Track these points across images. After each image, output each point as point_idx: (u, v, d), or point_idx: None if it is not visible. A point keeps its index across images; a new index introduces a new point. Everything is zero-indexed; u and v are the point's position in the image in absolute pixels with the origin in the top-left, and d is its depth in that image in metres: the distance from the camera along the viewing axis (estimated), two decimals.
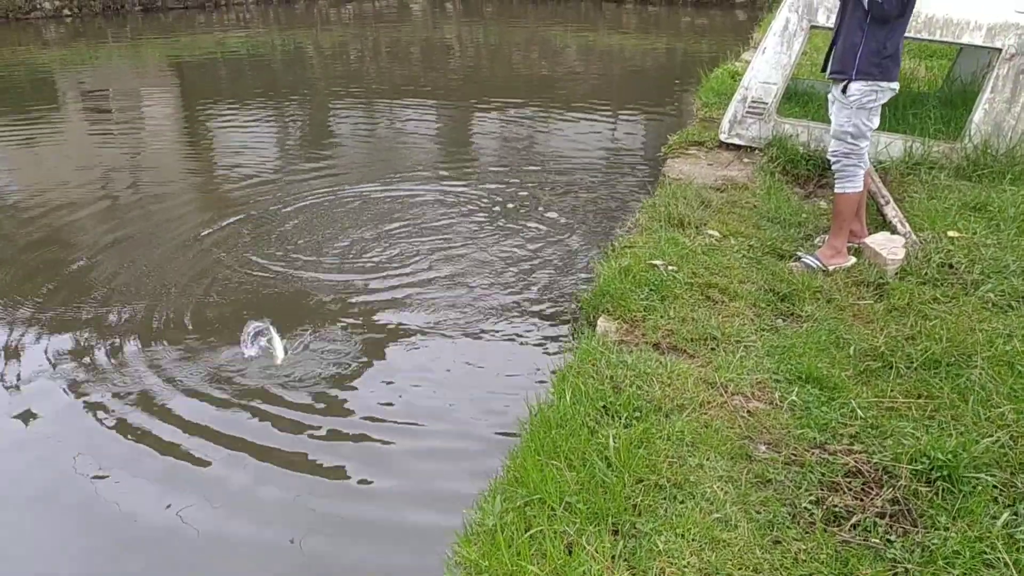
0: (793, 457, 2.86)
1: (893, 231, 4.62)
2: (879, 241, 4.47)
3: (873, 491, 2.71)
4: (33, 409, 3.97)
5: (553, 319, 4.70)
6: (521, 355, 4.35)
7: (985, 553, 2.36)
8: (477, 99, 10.58)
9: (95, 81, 12.54)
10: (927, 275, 4.17)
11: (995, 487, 2.65)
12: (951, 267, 4.22)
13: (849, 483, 2.74)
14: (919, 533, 2.49)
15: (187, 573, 3.04)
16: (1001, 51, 5.37)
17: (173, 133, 9.71)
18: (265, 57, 13.95)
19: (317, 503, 3.30)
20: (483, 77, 12.30)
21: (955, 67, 6.85)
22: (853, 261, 4.42)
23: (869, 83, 4.27)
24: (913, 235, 4.55)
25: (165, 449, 3.65)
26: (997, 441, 2.85)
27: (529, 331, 4.58)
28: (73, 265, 5.58)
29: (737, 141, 6.12)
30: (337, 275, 5.31)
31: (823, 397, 3.21)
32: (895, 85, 4.34)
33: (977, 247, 4.35)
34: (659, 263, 4.20)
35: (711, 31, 14.51)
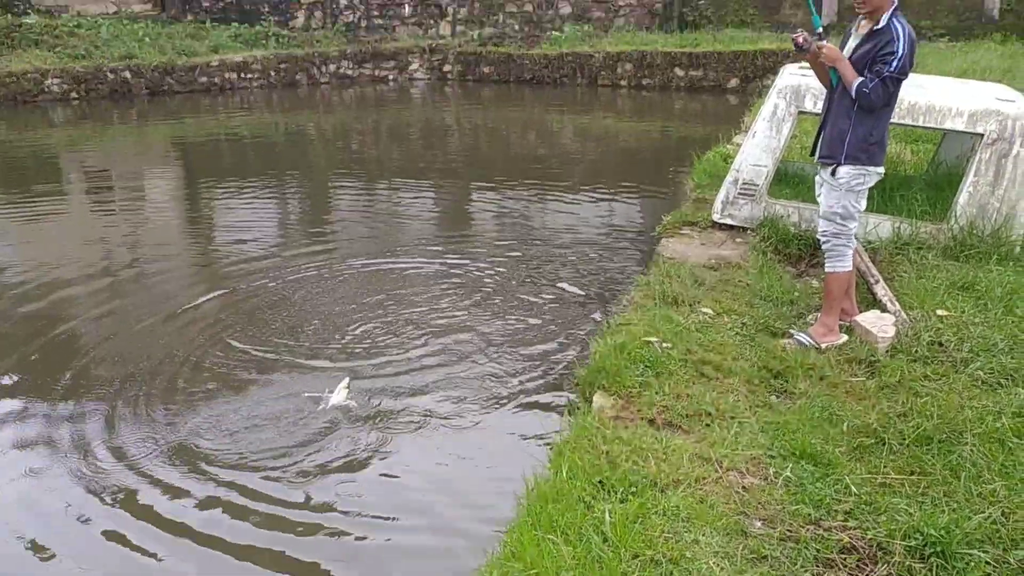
0: (788, 533, 2.89)
1: (883, 309, 4.71)
2: (870, 319, 4.55)
3: (868, 568, 2.74)
4: None
5: (549, 395, 4.75)
6: (516, 434, 4.39)
7: None
8: (475, 178, 10.79)
9: (99, 161, 12.79)
10: (917, 353, 4.24)
11: (988, 563, 2.68)
12: (941, 345, 4.30)
13: (844, 559, 2.77)
14: None
15: None
16: (983, 136, 5.55)
17: (174, 211, 9.87)
18: (267, 138, 14.25)
19: None
20: (481, 157, 12.56)
21: (940, 151, 7.04)
22: (845, 339, 4.50)
23: (857, 167, 4.42)
24: (903, 313, 4.64)
25: (122, 541, 3.61)
26: (989, 517, 2.88)
27: (524, 408, 4.62)
28: (54, 338, 5.67)
29: (729, 221, 6.26)
30: (322, 359, 5.32)
31: (817, 473, 3.25)
32: (881, 169, 4.49)
33: (966, 325, 4.44)
34: (654, 340, 4.28)
35: (703, 115, 14.88)
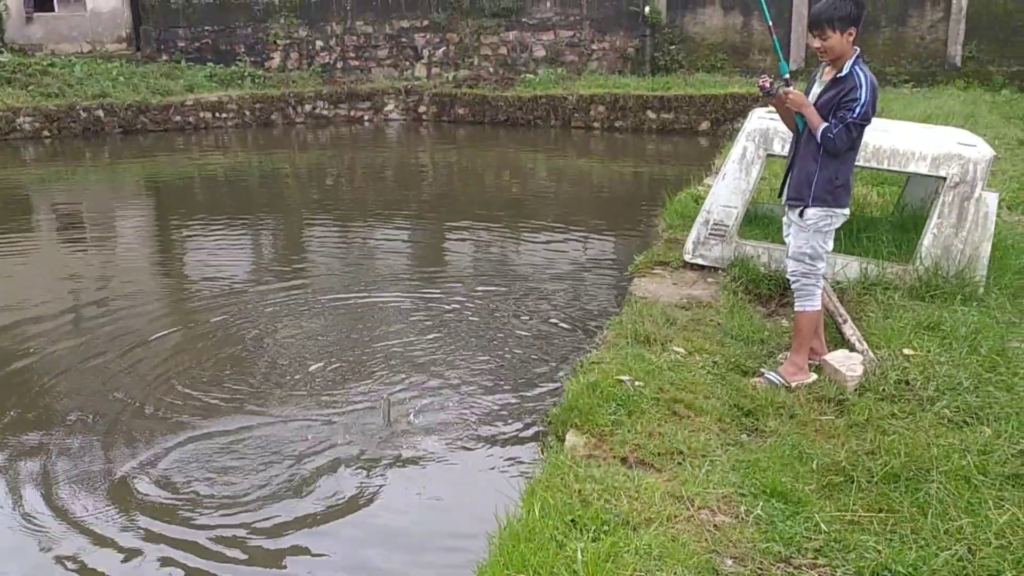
0: (759, 571, 2.90)
1: (851, 349, 4.78)
2: (838, 358, 4.61)
3: None
4: None
5: (521, 434, 4.76)
6: (488, 473, 4.39)
7: None
8: (450, 218, 10.86)
9: (70, 199, 12.74)
10: (885, 391, 4.30)
11: None
12: (907, 384, 4.36)
13: None
14: None
15: None
16: (946, 179, 5.69)
17: (144, 250, 9.83)
18: (242, 177, 14.26)
19: None
20: (456, 197, 12.65)
21: (904, 194, 7.19)
22: (814, 378, 4.55)
23: (824, 209, 4.51)
24: (870, 353, 4.71)
25: None
26: (956, 554, 2.92)
27: (497, 446, 4.63)
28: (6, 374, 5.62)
29: (701, 261, 6.34)
30: (289, 404, 5.30)
31: (787, 511, 3.27)
32: (847, 211, 4.59)
33: (931, 365, 4.50)
34: (626, 379, 4.31)
35: (675, 157, 15.10)
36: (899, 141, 5.84)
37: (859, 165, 5.26)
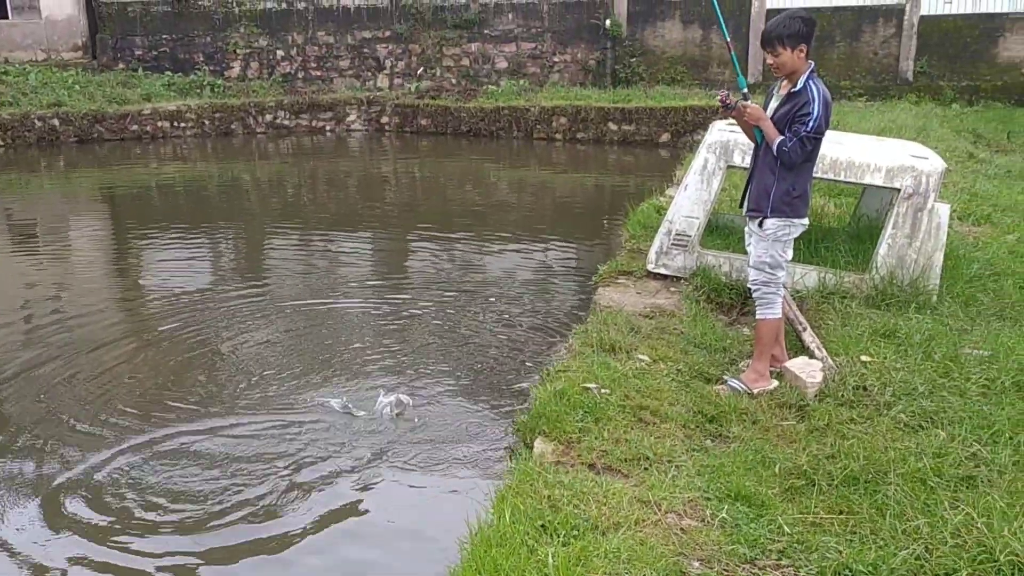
0: (725, 572, 2.97)
1: (811, 356, 4.89)
2: (799, 365, 4.72)
3: None
4: None
5: (489, 441, 4.79)
6: (457, 480, 4.41)
7: None
8: (412, 228, 10.87)
9: (25, 210, 12.53)
10: (844, 397, 4.41)
11: None
12: (865, 389, 4.48)
13: None
14: None
15: None
16: (900, 191, 5.85)
17: (99, 259, 9.71)
18: (200, 187, 14.13)
19: None
20: (418, 207, 12.66)
21: (860, 204, 7.37)
22: (775, 384, 4.66)
23: (782, 219, 4.62)
24: (829, 360, 4.83)
25: None
26: (913, 553, 3.01)
27: (465, 454, 4.65)
28: None
29: (664, 271, 6.43)
30: (241, 414, 5.28)
31: (752, 514, 3.35)
32: (805, 221, 4.71)
33: (888, 371, 4.63)
34: (592, 386, 4.37)
35: (636, 168, 15.28)
36: (855, 154, 5.99)
37: (817, 177, 5.40)
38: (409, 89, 19.83)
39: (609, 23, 18.99)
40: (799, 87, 4.49)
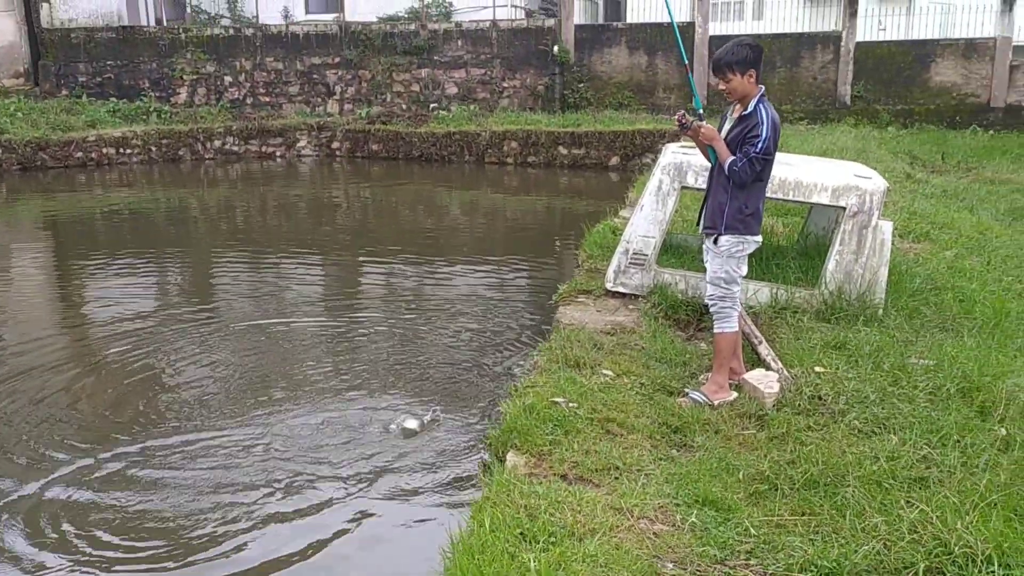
0: (698, 572, 3.10)
1: (768, 368, 5.07)
2: (756, 377, 4.90)
3: None
4: None
5: (462, 456, 4.87)
6: (431, 495, 4.49)
7: None
8: (364, 252, 10.91)
9: None
10: (800, 406, 4.59)
11: None
12: (820, 399, 4.66)
13: None
14: None
15: None
16: (845, 209, 6.10)
17: (43, 289, 9.56)
18: (148, 215, 13.98)
19: None
20: (370, 232, 12.70)
21: (808, 223, 7.65)
22: (735, 396, 4.82)
23: (736, 236, 4.81)
24: (785, 371, 5.01)
25: None
26: (873, 549, 3.17)
27: (438, 469, 4.72)
28: None
29: (622, 289, 6.59)
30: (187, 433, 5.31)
31: (719, 518, 3.48)
32: (758, 238, 4.91)
33: (841, 381, 4.82)
34: (561, 400, 4.48)
35: (587, 191, 15.54)
36: (802, 174, 6.24)
37: (767, 196, 5.61)
38: (360, 114, 19.90)
39: (557, 49, 19.33)
40: (750, 110, 4.71)
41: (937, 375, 4.81)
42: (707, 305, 5.06)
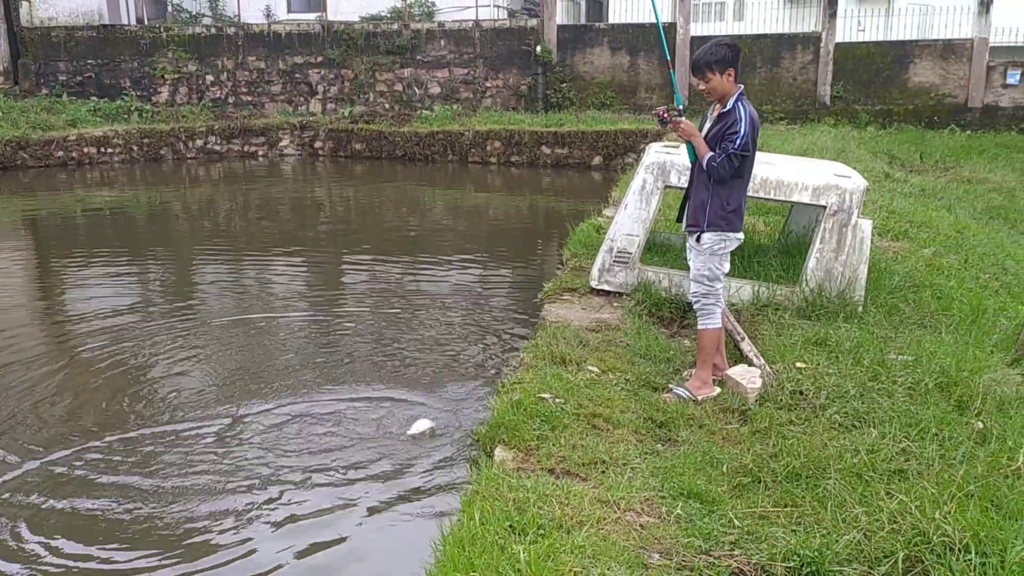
0: (683, 563, 3.16)
1: (750, 364, 5.15)
2: (739, 372, 4.98)
3: None
4: None
5: (451, 452, 4.92)
6: (420, 490, 4.53)
7: None
8: (347, 252, 10.93)
9: None
10: (782, 401, 4.67)
11: None
12: (801, 394, 4.74)
13: None
14: None
15: None
16: (826, 208, 6.20)
17: (20, 286, 9.52)
18: (129, 214, 13.93)
19: None
20: (353, 231, 12.71)
21: (789, 221, 7.75)
22: (718, 391, 4.90)
23: (718, 234, 4.89)
24: (767, 367, 5.09)
25: None
26: (854, 539, 3.24)
27: (428, 466, 4.77)
28: None
29: (606, 287, 6.66)
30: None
31: (704, 510, 3.55)
32: (740, 235, 4.98)
33: (821, 376, 4.91)
34: (547, 396, 4.54)
35: (570, 190, 15.61)
36: (783, 173, 6.33)
37: (748, 195, 5.69)
38: (343, 114, 19.89)
39: (540, 49, 19.41)
40: (728, 107, 4.79)
41: (916, 370, 4.90)
42: (691, 302, 5.13)
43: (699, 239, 4.94)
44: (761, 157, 6.67)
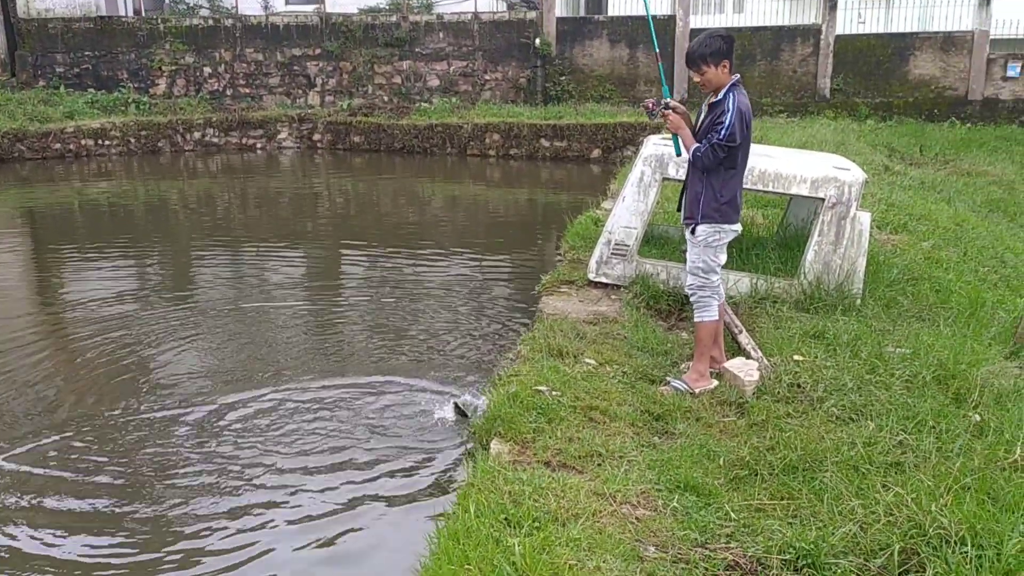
0: (679, 556, 3.15)
1: (748, 356, 5.14)
2: (736, 365, 4.97)
3: None
4: None
5: (447, 445, 4.91)
6: (416, 480, 4.52)
7: None
8: (346, 244, 10.90)
9: None
10: (780, 394, 4.66)
11: (852, 571, 3.02)
12: (799, 386, 4.73)
13: (729, 575, 3.05)
14: None
15: None
16: (824, 200, 6.18)
17: (18, 280, 9.50)
18: (127, 206, 13.89)
19: None
20: (352, 224, 12.68)
21: (787, 214, 7.73)
22: (716, 384, 4.89)
23: (712, 226, 4.87)
24: (765, 360, 5.08)
25: None
26: (850, 532, 3.24)
27: (423, 457, 4.76)
28: None
29: (604, 280, 6.65)
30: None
31: (700, 503, 3.54)
32: (737, 227, 4.96)
33: (819, 369, 4.90)
34: (544, 389, 4.53)
35: (569, 183, 15.57)
36: (782, 166, 6.31)
37: (747, 188, 5.68)
38: (341, 106, 19.83)
39: (539, 42, 19.34)
40: (720, 98, 4.78)
41: (913, 363, 4.89)
42: (687, 294, 5.12)
43: (694, 231, 4.93)
44: (760, 150, 6.66)
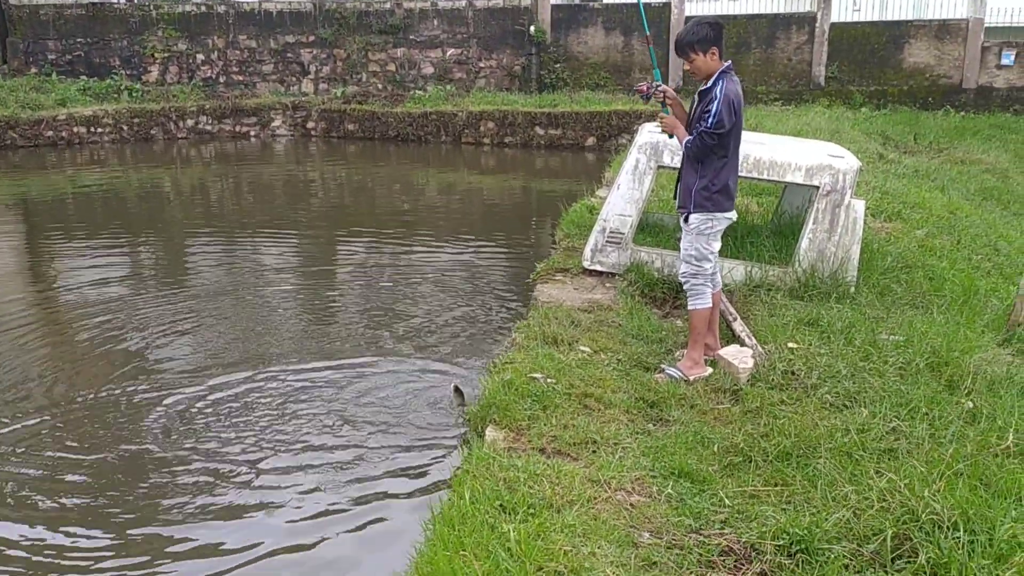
0: (673, 541, 3.17)
1: (742, 344, 5.16)
2: (731, 352, 4.98)
3: (744, 566, 3.04)
4: None
5: (440, 432, 4.92)
6: (412, 469, 4.53)
7: None
8: (340, 232, 10.87)
9: None
10: (774, 381, 4.67)
11: (845, 556, 3.04)
12: (793, 374, 4.75)
13: (723, 560, 3.07)
14: None
15: None
16: (819, 188, 6.19)
17: (10, 268, 9.47)
18: (120, 194, 13.83)
19: None
20: (346, 211, 12.64)
21: (782, 202, 7.73)
22: (710, 371, 4.90)
23: (705, 214, 4.88)
24: (759, 347, 5.10)
25: None
26: (843, 517, 3.26)
27: (418, 445, 4.76)
28: None
29: (599, 268, 6.65)
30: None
31: (695, 489, 3.56)
32: (731, 215, 4.96)
33: (813, 356, 4.91)
34: (539, 376, 4.54)
35: (564, 171, 15.55)
36: (776, 154, 6.31)
37: (742, 176, 5.68)
38: (335, 94, 19.75)
39: (534, 29, 19.28)
40: (708, 85, 4.78)
41: (907, 350, 4.91)
42: (680, 281, 5.12)
43: (687, 219, 4.94)
44: (754, 137, 6.66)
